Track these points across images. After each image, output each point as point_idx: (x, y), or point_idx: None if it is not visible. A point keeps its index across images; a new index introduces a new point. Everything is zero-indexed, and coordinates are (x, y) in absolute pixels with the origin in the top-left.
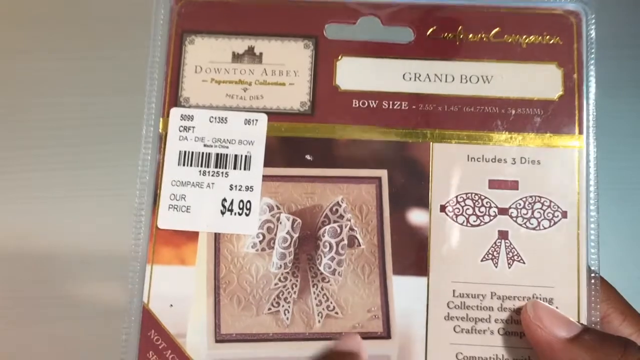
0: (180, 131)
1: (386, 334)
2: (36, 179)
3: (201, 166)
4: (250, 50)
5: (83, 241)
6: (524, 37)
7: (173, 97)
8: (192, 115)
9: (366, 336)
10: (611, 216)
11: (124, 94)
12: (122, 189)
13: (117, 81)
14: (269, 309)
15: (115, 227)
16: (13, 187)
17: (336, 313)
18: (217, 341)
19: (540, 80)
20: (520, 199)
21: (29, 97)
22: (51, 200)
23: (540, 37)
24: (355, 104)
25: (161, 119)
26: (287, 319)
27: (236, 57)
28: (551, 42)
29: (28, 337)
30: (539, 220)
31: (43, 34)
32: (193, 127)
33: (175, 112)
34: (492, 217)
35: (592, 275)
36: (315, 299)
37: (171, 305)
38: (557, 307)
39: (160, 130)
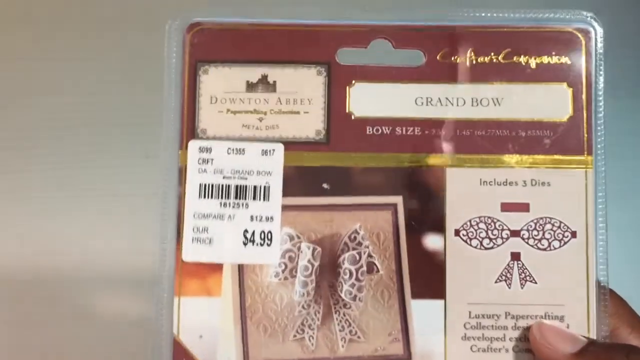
0: (200, 163)
1: (407, 356)
2: (36, 179)
3: (221, 198)
4: (263, 79)
5: (84, 241)
6: (534, 57)
7: (190, 128)
8: (210, 148)
9: (388, 359)
10: (621, 229)
11: (125, 94)
12: (123, 189)
13: (117, 81)
14: (294, 335)
15: (115, 227)
16: (13, 187)
17: (358, 337)
18: None
19: (549, 101)
20: (532, 221)
21: (28, 97)
22: (51, 200)
23: (549, 58)
24: (369, 131)
25: (180, 152)
26: (312, 344)
27: (250, 87)
28: (560, 62)
29: (33, 338)
30: (550, 241)
31: (43, 34)
32: (212, 160)
33: (193, 145)
34: (504, 240)
35: (602, 291)
36: (338, 324)
37: (201, 336)
38: (567, 325)
39: (179, 163)
